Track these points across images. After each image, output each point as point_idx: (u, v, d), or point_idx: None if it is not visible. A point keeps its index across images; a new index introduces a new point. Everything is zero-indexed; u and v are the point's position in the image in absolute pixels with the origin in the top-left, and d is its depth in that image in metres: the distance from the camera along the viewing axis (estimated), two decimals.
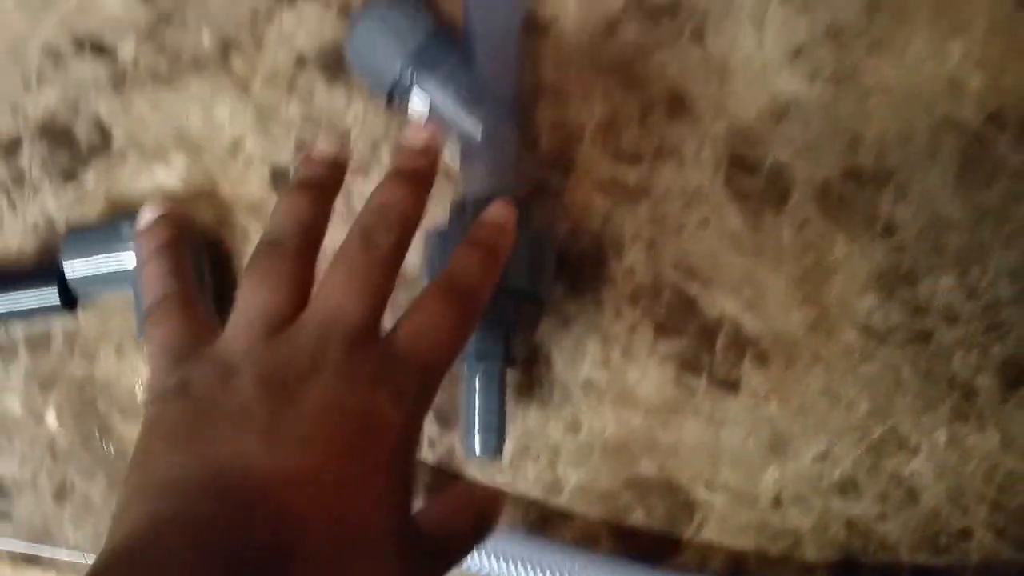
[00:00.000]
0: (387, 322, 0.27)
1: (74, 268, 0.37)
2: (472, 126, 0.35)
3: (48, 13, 0.40)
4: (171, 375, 0.24)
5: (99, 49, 0.39)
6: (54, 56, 0.40)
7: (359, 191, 0.38)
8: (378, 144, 0.39)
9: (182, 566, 0.18)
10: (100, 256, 0.36)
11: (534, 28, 0.39)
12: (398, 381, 0.23)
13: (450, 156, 0.38)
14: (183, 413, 0.22)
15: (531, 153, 0.38)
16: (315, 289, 0.26)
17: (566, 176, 0.39)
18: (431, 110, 0.36)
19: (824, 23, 0.39)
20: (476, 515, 0.26)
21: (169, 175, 0.39)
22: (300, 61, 0.39)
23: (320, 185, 0.28)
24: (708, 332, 0.38)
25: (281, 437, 0.22)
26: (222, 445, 0.21)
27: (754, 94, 0.39)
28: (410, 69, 0.35)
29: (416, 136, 0.29)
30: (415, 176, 0.28)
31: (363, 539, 0.21)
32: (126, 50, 0.39)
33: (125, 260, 0.36)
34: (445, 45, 0.36)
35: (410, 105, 0.36)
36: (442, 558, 0.25)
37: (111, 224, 0.37)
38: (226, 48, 0.39)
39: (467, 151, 0.36)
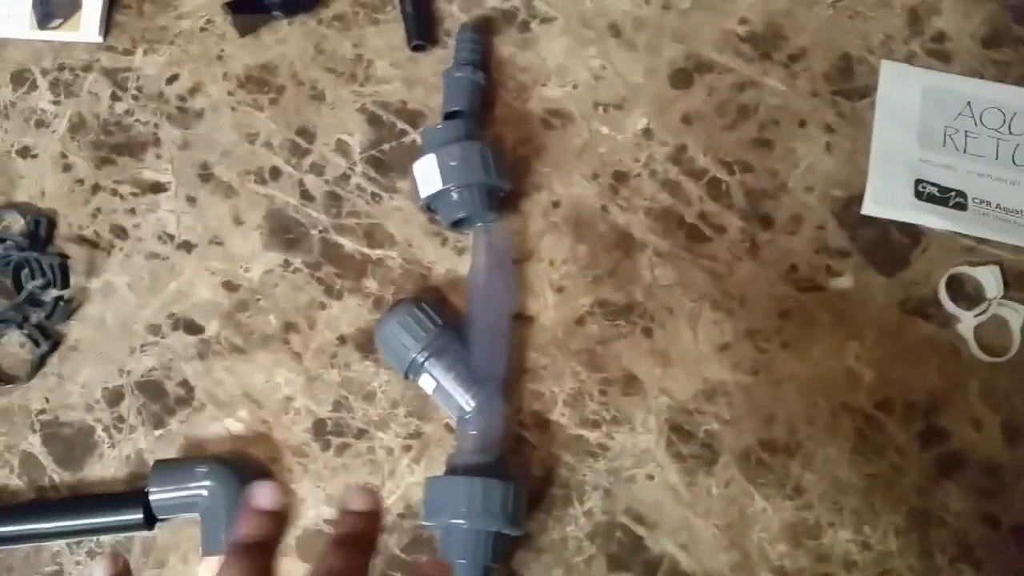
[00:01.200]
0: None
1: (157, 495, 0.47)
2: (466, 402, 0.46)
3: (153, 296, 0.53)
4: None
5: (191, 327, 0.52)
6: (155, 330, 0.52)
7: (379, 443, 0.49)
8: (396, 404, 0.50)
9: None
10: (178, 486, 0.47)
11: (521, 320, 0.50)
12: None
13: (452, 420, 0.49)
14: None
15: (514, 418, 0.49)
16: None
17: (541, 435, 0.49)
18: (436, 387, 0.47)
19: (745, 326, 0.50)
20: None
21: (235, 424, 0.51)
22: (341, 339, 0.51)
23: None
24: (652, 567, 0.47)
25: None
26: None
27: (690, 378, 0.49)
28: (422, 356, 0.47)
29: (360, 501, 0.30)
30: (359, 541, 0.29)
31: None
32: (212, 328, 0.52)
33: (198, 492, 0.47)
34: (449, 339, 0.47)
35: (420, 383, 0.47)
36: None
37: (189, 463, 0.48)
38: (287, 328, 0.51)
39: (461, 421, 0.47)
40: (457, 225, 0.50)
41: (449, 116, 0.51)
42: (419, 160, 0.49)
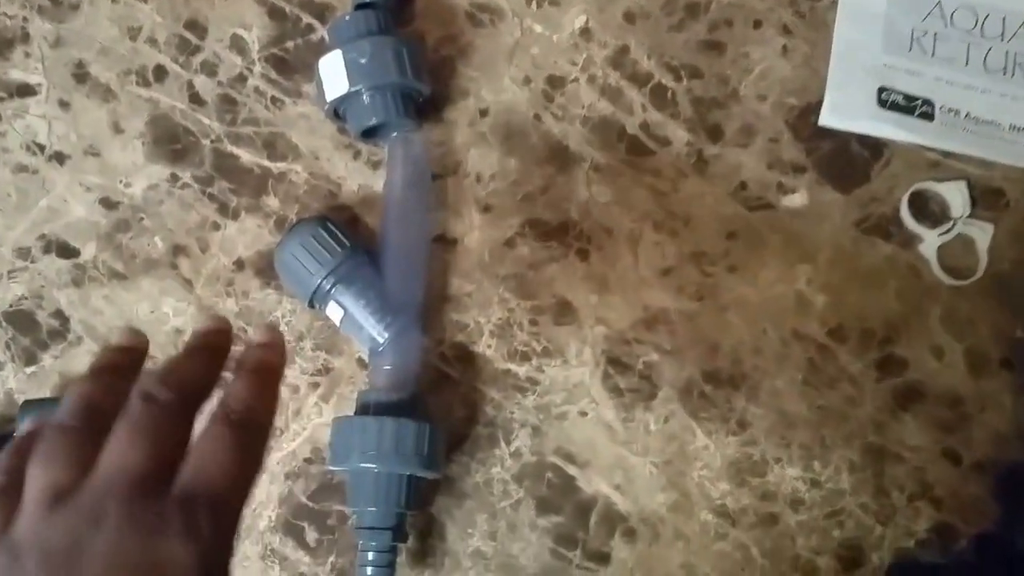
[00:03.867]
0: None
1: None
2: (379, 333, 0.41)
3: (21, 215, 0.46)
4: None
5: (64, 250, 0.46)
6: (23, 254, 0.46)
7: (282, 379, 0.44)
8: (302, 336, 0.44)
9: None
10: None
11: (443, 243, 0.45)
12: (186, 520, 0.23)
13: (365, 354, 0.44)
14: None
15: (434, 351, 0.44)
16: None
17: (465, 369, 0.44)
18: (344, 317, 0.42)
19: (689, 248, 0.45)
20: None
21: None
22: (238, 264, 0.45)
23: (111, 368, 0.28)
24: (584, 509, 0.44)
25: None
26: None
27: (629, 305, 0.45)
28: (328, 282, 0.42)
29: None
30: (209, 348, 0.28)
31: None
32: (88, 251, 0.46)
33: None
34: (359, 263, 0.42)
35: (327, 312, 0.42)
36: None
37: (60, 400, 0.42)
38: (175, 252, 0.45)
39: (374, 354, 0.42)
40: (369, 135, 0.44)
41: (360, 7, 0.45)
42: (324, 57, 0.43)
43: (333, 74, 0.43)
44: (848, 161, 0.46)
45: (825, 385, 0.45)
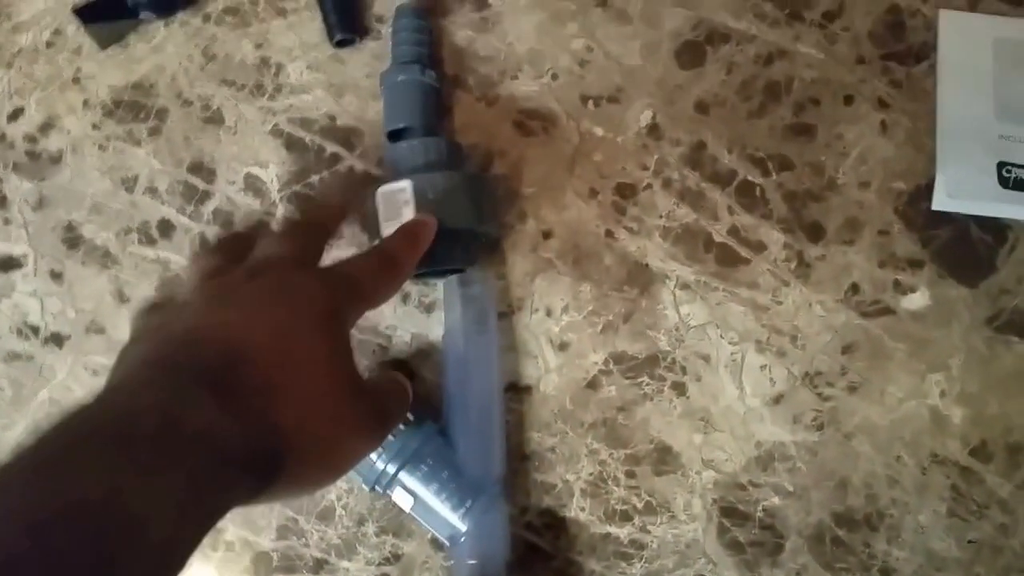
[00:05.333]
0: None
1: None
2: (458, 520, 0.35)
3: (18, 411, 0.39)
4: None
5: None
6: None
7: (345, 575, 0.37)
8: (363, 520, 0.38)
9: (149, 383, 0.24)
10: None
11: (516, 392, 0.39)
12: (323, 275, 0.29)
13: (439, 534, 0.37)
14: (156, 316, 0.30)
15: (519, 520, 0.38)
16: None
17: (557, 539, 0.38)
18: (415, 504, 0.35)
19: (801, 368, 0.39)
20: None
21: None
22: None
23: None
24: None
25: (219, 308, 0.27)
26: (177, 324, 0.27)
27: (739, 443, 0.39)
28: (392, 466, 0.35)
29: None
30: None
31: (300, 359, 0.26)
32: None
33: None
34: (425, 437, 0.36)
35: (393, 497, 0.36)
36: (381, 403, 0.30)
37: None
38: None
39: (454, 544, 0.35)
40: (423, 276, 0.38)
41: (394, 135, 0.38)
42: (387, 187, 0.36)
43: (395, 207, 0.35)
44: (970, 250, 0.40)
45: (973, 514, 0.38)
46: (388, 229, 0.35)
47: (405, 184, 0.35)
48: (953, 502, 0.38)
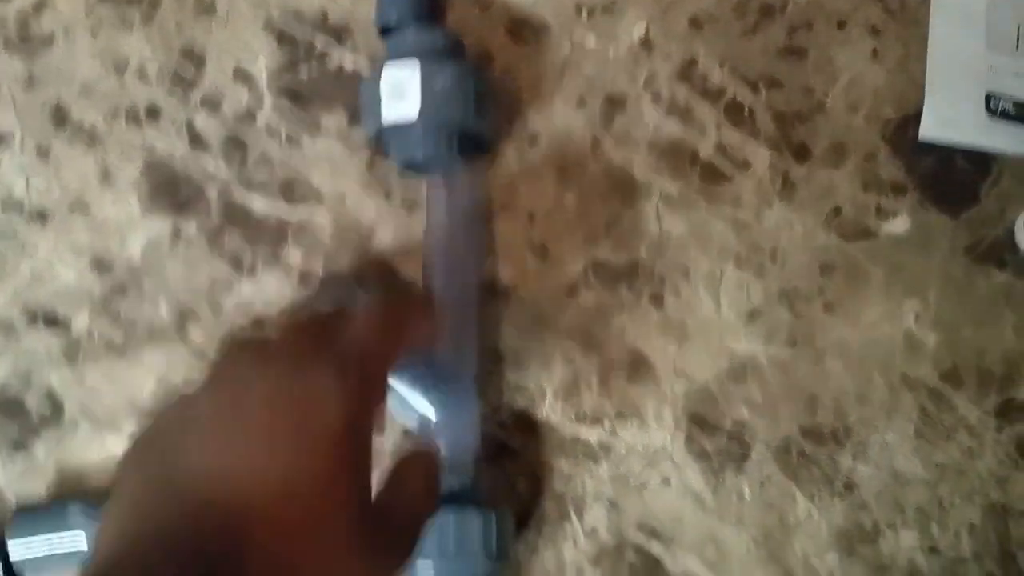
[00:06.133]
0: None
1: (18, 549, 0.36)
2: (429, 410, 0.35)
3: (0, 284, 0.40)
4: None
5: (52, 321, 0.39)
6: (6, 328, 0.40)
7: None
8: None
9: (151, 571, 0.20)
10: (46, 536, 0.36)
11: (494, 293, 0.39)
12: (338, 362, 0.25)
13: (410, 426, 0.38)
14: (156, 435, 0.24)
15: (491, 420, 0.38)
16: None
17: (527, 439, 0.39)
18: (389, 392, 0.36)
19: (779, 286, 0.39)
20: (423, 477, 0.27)
21: (120, 443, 0.39)
22: (257, 328, 0.39)
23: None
24: None
25: (227, 439, 0.22)
26: (182, 458, 0.22)
27: (713, 355, 0.39)
28: None
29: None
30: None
31: (313, 519, 0.22)
32: (81, 321, 0.39)
33: (71, 542, 0.36)
34: None
35: None
36: (404, 533, 0.26)
37: (60, 504, 0.36)
38: (183, 317, 0.39)
39: (424, 432, 0.36)
40: (410, 167, 0.38)
41: (385, 31, 0.38)
42: (392, 68, 0.35)
43: (402, 89, 0.35)
44: (954, 179, 0.40)
45: (941, 437, 0.39)
46: (390, 108, 0.35)
47: (414, 63, 0.35)
48: (921, 423, 0.39)
